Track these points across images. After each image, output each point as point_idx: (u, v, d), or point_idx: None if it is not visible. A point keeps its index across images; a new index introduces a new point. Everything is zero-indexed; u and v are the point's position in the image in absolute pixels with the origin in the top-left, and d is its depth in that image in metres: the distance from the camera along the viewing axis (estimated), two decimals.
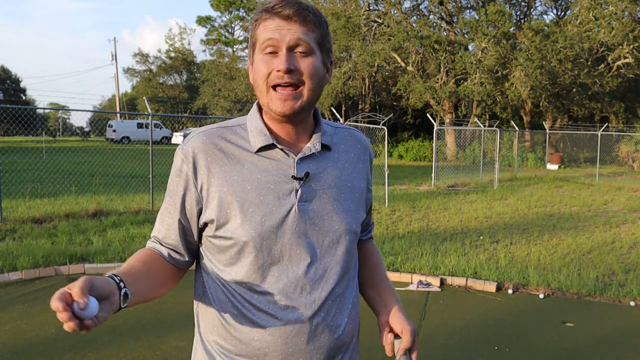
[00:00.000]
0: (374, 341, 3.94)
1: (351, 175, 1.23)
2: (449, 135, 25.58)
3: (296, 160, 1.15)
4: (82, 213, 8.46)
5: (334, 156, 1.22)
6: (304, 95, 1.12)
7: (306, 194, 1.15)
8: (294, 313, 1.14)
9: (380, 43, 24.11)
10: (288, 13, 1.08)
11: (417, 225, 8.36)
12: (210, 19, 48.50)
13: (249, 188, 1.12)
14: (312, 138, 1.19)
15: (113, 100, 64.11)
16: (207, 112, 39.55)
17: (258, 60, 1.12)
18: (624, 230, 8.36)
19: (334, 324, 1.19)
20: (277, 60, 1.09)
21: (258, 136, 1.16)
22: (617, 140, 23.04)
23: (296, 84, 1.10)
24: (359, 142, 1.30)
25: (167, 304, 4.64)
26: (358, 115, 20.51)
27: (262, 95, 1.13)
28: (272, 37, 1.09)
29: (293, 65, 1.09)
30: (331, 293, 1.18)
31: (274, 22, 1.09)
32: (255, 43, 1.13)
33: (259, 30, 1.12)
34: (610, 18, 21.76)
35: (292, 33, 1.08)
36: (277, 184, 1.13)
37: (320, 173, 1.18)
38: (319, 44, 1.13)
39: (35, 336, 3.89)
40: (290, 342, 1.14)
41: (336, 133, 1.26)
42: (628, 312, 4.75)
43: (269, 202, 1.12)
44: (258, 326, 1.14)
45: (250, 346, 1.15)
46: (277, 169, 1.14)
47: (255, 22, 1.13)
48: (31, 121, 17.40)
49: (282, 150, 1.15)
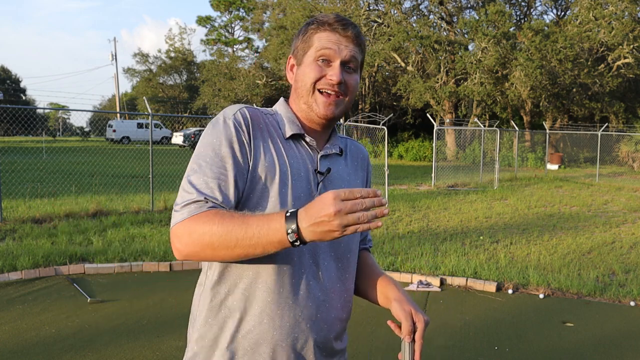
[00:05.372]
0: (373, 341, 3.94)
1: (355, 181, 1.34)
2: (449, 135, 25.58)
3: (320, 156, 1.25)
4: (82, 213, 8.46)
5: (345, 161, 1.33)
6: (344, 104, 1.24)
7: (323, 189, 1.22)
8: (298, 304, 1.17)
9: (380, 43, 24.12)
10: (349, 34, 1.21)
11: (417, 225, 8.36)
12: (210, 19, 48.48)
13: (285, 170, 1.18)
14: (330, 140, 1.30)
15: (113, 100, 64.12)
16: (207, 112, 39.53)
17: (309, 63, 1.22)
18: (624, 230, 8.36)
19: (335, 316, 1.23)
20: (330, 70, 1.20)
21: (290, 124, 1.24)
22: (617, 140, 23.04)
23: (343, 94, 1.22)
24: (361, 152, 1.42)
25: (167, 303, 4.65)
26: (358, 115, 20.51)
27: (304, 95, 1.22)
28: (331, 48, 1.20)
29: (343, 78, 1.21)
30: (335, 288, 1.23)
31: (335, 36, 1.21)
32: (308, 48, 1.23)
33: (315, 38, 1.22)
34: (610, 18, 21.76)
35: (349, 50, 1.21)
36: (306, 172, 1.21)
37: (335, 173, 1.27)
38: (361, 64, 1.28)
39: (35, 336, 3.89)
40: (289, 333, 1.17)
41: (344, 142, 1.38)
42: (628, 312, 4.75)
43: (301, 187, 1.19)
44: (258, 315, 1.16)
45: (247, 337, 1.17)
46: (304, 159, 1.23)
47: (312, 31, 1.23)
48: (31, 121, 17.40)
49: (309, 143, 1.24)
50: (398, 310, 1.20)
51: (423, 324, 1.18)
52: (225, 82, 33.93)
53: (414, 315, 1.19)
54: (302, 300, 1.17)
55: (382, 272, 1.39)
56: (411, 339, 1.18)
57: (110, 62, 65.04)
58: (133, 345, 3.78)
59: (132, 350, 3.69)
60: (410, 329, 1.18)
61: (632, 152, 22.26)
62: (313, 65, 1.21)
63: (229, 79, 33.68)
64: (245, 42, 46.73)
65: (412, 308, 1.20)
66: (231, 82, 33.23)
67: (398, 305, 1.21)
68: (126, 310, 4.47)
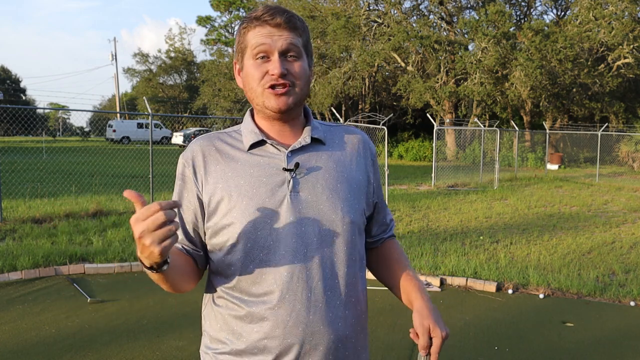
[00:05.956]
0: (373, 342, 3.95)
1: (348, 167, 1.26)
2: (449, 135, 25.57)
3: (287, 154, 1.21)
4: (82, 213, 8.46)
5: (329, 149, 1.27)
6: (296, 92, 1.19)
7: (298, 184, 1.19)
8: (291, 303, 1.15)
9: (380, 43, 24.10)
10: (279, 21, 1.16)
11: (417, 225, 8.36)
12: (210, 19, 48.45)
13: (242, 182, 1.18)
14: (303, 133, 1.26)
15: (113, 100, 64.13)
16: (207, 112, 39.57)
17: (249, 65, 1.19)
18: (624, 230, 8.36)
19: (334, 315, 1.18)
20: (270, 64, 1.16)
21: (249, 135, 1.23)
22: (617, 140, 23.04)
23: (289, 84, 1.18)
24: (356, 137, 1.33)
25: (167, 303, 4.65)
26: (358, 115, 20.49)
27: (256, 96, 1.20)
28: (265, 42, 1.16)
29: (286, 69, 1.17)
30: (329, 284, 1.18)
31: (265, 29, 1.16)
32: (244, 49, 1.20)
33: (248, 37, 1.18)
34: (610, 18, 21.75)
35: (284, 39, 1.16)
36: (269, 176, 1.19)
37: (313, 165, 1.22)
38: (305, 47, 1.22)
39: (35, 336, 3.89)
40: (289, 332, 1.15)
41: (330, 130, 1.32)
42: (628, 312, 4.75)
43: (262, 194, 1.17)
44: (257, 318, 1.16)
45: (250, 339, 1.16)
46: (269, 163, 1.20)
47: (244, 30, 1.20)
48: (31, 121, 17.40)
49: (272, 145, 1.22)
50: (417, 325, 1.20)
51: (440, 340, 1.17)
52: (225, 82, 33.94)
53: (432, 330, 1.18)
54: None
55: (407, 265, 1.34)
56: (427, 352, 1.19)
57: (110, 62, 65.07)
58: (133, 345, 3.78)
59: (132, 350, 3.69)
60: (426, 344, 1.18)
61: (632, 152, 22.26)
62: (254, 65, 1.18)
63: (229, 79, 33.67)
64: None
65: (432, 322, 1.18)
66: (231, 82, 33.21)
67: (418, 318, 1.20)
68: (126, 310, 4.48)
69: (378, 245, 1.40)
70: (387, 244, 1.41)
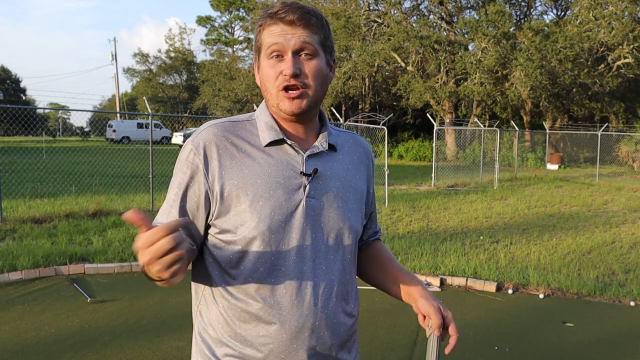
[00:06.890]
0: (374, 341, 3.94)
1: (354, 177, 1.27)
2: (449, 135, 25.57)
3: (305, 157, 1.18)
4: (82, 213, 8.46)
5: (339, 157, 1.25)
6: (310, 94, 1.15)
7: (314, 190, 1.17)
8: (299, 309, 1.15)
9: (380, 43, 24.11)
10: (292, 18, 1.12)
11: (417, 225, 8.36)
12: (210, 19, 48.51)
13: (259, 182, 1.14)
14: (319, 137, 1.22)
15: (113, 100, 64.09)
16: (207, 112, 39.55)
17: (265, 65, 1.16)
18: (624, 230, 8.36)
19: (337, 321, 1.20)
20: (283, 64, 1.13)
21: (268, 131, 1.18)
22: (617, 140, 23.04)
23: (301, 86, 1.14)
24: (361, 146, 1.34)
25: (167, 303, 4.65)
26: (358, 115, 20.50)
27: (271, 97, 1.16)
28: (278, 41, 1.12)
29: (299, 69, 1.13)
30: (335, 290, 1.19)
31: (278, 27, 1.13)
32: (260, 48, 1.17)
33: (263, 36, 1.15)
34: (610, 18, 21.75)
35: (297, 37, 1.12)
36: (286, 179, 1.16)
37: (327, 171, 1.21)
38: (323, 45, 1.17)
39: (35, 336, 3.89)
40: (295, 337, 1.15)
41: (340, 135, 1.30)
42: (628, 312, 4.75)
43: (279, 197, 1.14)
44: (263, 322, 1.15)
45: (255, 343, 1.16)
46: (287, 165, 1.17)
47: (260, 28, 1.16)
48: (31, 121, 17.39)
49: (291, 146, 1.18)
50: (426, 306, 1.22)
51: (453, 321, 1.21)
52: (225, 82, 33.94)
53: (443, 310, 1.21)
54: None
55: (400, 265, 1.38)
56: (440, 332, 1.20)
57: (110, 62, 65.10)
58: (133, 345, 3.78)
59: (132, 350, 3.69)
60: (440, 322, 1.20)
61: (632, 152, 22.26)
62: (269, 65, 1.14)
63: (229, 79, 33.69)
64: (245, 42, 46.69)
65: (440, 304, 1.23)
66: (231, 82, 33.24)
67: (425, 301, 1.23)
68: (126, 310, 4.48)
69: (365, 247, 1.43)
70: (376, 245, 1.44)
